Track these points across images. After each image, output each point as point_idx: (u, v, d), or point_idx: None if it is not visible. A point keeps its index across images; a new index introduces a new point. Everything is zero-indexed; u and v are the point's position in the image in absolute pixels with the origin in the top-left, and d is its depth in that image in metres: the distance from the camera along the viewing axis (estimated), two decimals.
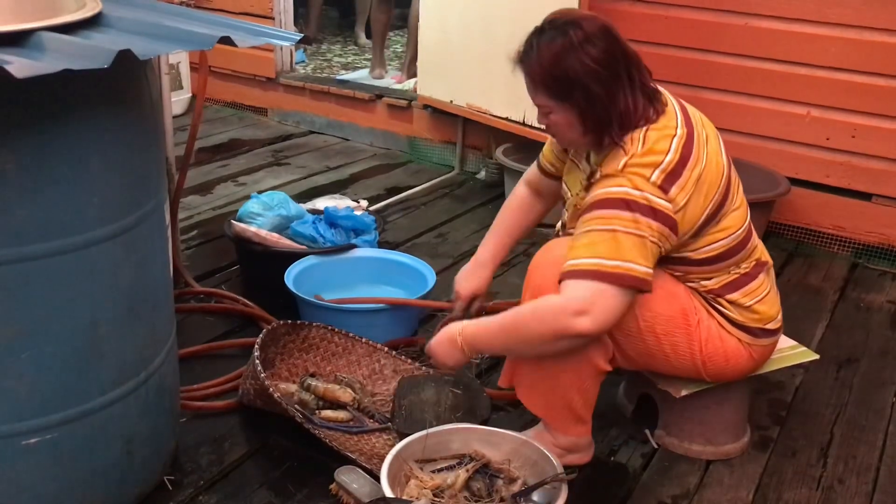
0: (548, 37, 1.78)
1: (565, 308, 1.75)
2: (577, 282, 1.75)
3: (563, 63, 1.75)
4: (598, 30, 1.78)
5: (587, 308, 1.73)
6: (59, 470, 1.64)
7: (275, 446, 2.11)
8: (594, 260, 1.74)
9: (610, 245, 1.73)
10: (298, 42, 1.82)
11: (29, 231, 1.45)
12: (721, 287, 1.93)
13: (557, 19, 1.81)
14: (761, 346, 1.99)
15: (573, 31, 1.76)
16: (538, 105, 1.86)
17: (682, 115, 1.86)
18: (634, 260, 1.73)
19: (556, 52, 1.76)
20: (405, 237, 3.41)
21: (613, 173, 1.78)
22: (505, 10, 3.55)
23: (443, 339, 1.95)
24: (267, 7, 4.68)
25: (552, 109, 1.83)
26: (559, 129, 1.87)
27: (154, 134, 1.71)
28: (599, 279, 1.73)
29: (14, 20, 1.39)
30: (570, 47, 1.75)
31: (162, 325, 1.81)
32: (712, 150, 1.85)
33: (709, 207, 1.82)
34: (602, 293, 1.73)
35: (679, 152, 1.78)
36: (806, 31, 3.29)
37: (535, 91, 1.83)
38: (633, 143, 1.79)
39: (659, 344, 1.92)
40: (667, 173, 1.75)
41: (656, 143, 1.78)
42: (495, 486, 1.88)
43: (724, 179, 1.86)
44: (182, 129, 3.32)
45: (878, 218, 3.37)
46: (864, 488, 2.10)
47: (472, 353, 1.92)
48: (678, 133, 1.81)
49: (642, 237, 1.74)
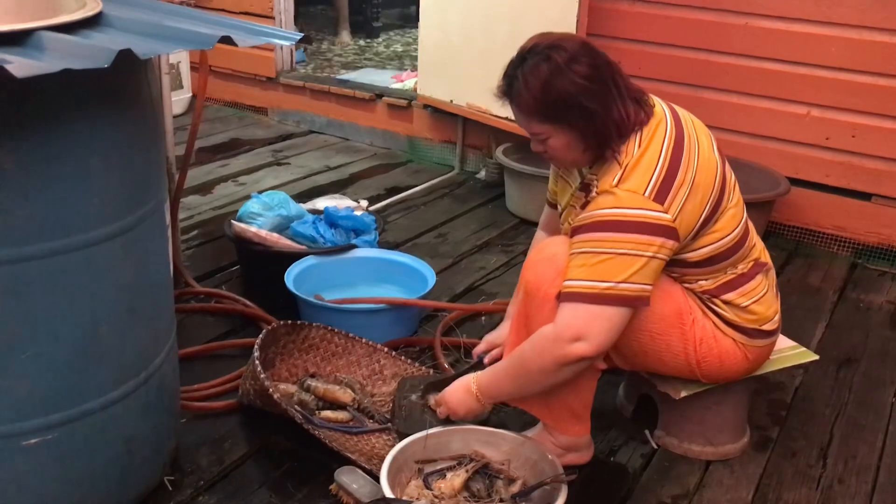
0: (531, 64, 1.76)
1: (560, 336, 1.76)
2: (571, 306, 1.76)
3: (555, 87, 1.74)
4: (579, 47, 1.77)
5: (582, 333, 1.75)
6: (59, 470, 1.64)
7: (275, 446, 2.11)
8: (587, 282, 1.74)
9: (605, 266, 1.74)
10: (298, 42, 1.81)
11: (29, 231, 1.45)
12: (717, 287, 1.93)
13: (537, 45, 1.78)
14: (757, 348, 1.99)
15: (556, 53, 1.74)
16: (533, 133, 1.83)
17: (671, 113, 1.87)
18: (629, 279, 1.74)
19: (544, 78, 1.74)
20: (405, 237, 3.42)
21: (609, 190, 1.77)
22: (505, 10, 3.56)
23: (458, 388, 1.99)
24: (267, 7, 4.68)
25: (549, 134, 1.81)
26: (558, 153, 1.85)
27: (154, 134, 1.71)
28: (593, 301, 1.74)
29: (14, 20, 1.39)
30: (557, 70, 1.73)
31: (162, 325, 1.81)
32: (703, 147, 1.85)
33: (706, 208, 1.82)
34: (597, 316, 1.75)
35: (669, 157, 1.78)
36: (806, 30, 3.30)
37: (529, 120, 1.81)
38: (627, 153, 1.78)
39: (653, 344, 1.92)
40: (660, 183, 1.75)
41: (648, 148, 1.78)
42: (495, 487, 1.88)
43: (719, 178, 1.86)
44: (182, 128, 3.32)
45: (878, 218, 3.37)
46: (864, 488, 2.10)
47: (487, 400, 1.96)
48: (668, 133, 1.81)
49: (639, 255, 1.74)
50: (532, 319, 1.89)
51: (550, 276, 1.83)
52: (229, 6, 4.67)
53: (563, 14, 3.28)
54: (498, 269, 3.17)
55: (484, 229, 3.54)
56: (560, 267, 1.82)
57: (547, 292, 1.83)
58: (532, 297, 1.88)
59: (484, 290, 2.98)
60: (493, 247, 3.37)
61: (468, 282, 3.05)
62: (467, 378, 1.98)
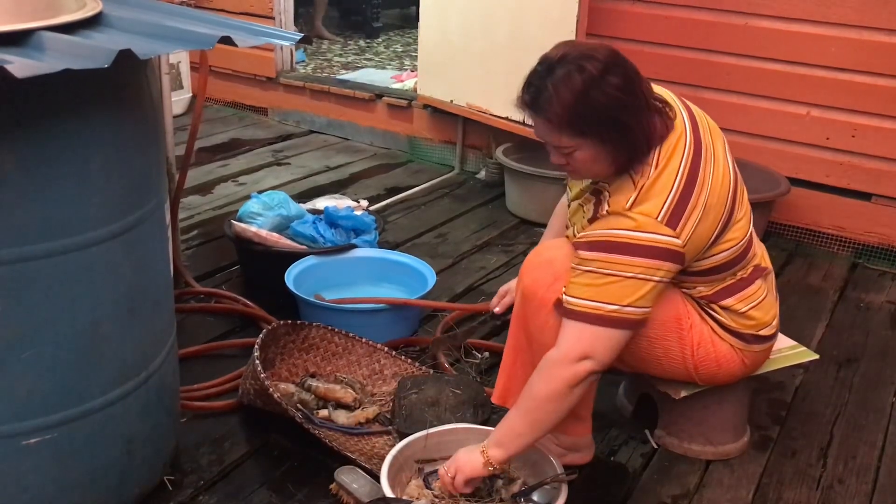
0: (562, 75, 1.65)
1: (567, 356, 1.74)
2: (576, 325, 1.74)
3: (589, 98, 1.64)
4: (611, 56, 1.68)
5: (588, 352, 1.74)
6: (60, 470, 1.64)
7: (275, 446, 2.11)
8: (594, 303, 1.73)
9: (612, 289, 1.72)
10: (299, 42, 1.81)
11: (29, 231, 1.45)
12: (715, 293, 1.91)
13: (567, 55, 1.68)
14: (753, 353, 1.99)
15: (589, 63, 1.65)
16: (559, 146, 1.73)
17: (689, 121, 1.82)
18: (634, 303, 1.73)
19: (578, 89, 1.64)
20: (405, 237, 3.41)
21: (621, 211, 1.73)
22: (505, 11, 3.56)
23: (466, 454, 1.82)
24: (267, 7, 4.68)
25: (577, 148, 1.72)
26: (583, 166, 1.76)
27: (154, 134, 1.71)
28: (598, 323, 1.73)
29: (14, 20, 1.39)
30: (591, 81, 1.64)
31: (162, 325, 1.81)
32: (719, 161, 1.81)
33: (717, 229, 1.81)
34: (601, 336, 1.74)
35: (685, 180, 1.73)
36: (806, 30, 3.29)
37: (558, 133, 1.70)
38: (644, 174, 1.73)
39: (651, 348, 1.92)
40: (673, 207, 1.72)
41: (665, 170, 1.73)
42: (495, 486, 1.88)
43: (731, 194, 1.82)
44: (182, 128, 3.32)
45: (878, 218, 3.37)
46: (864, 488, 2.10)
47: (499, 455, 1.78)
48: (685, 152, 1.76)
49: (647, 280, 1.72)
50: (529, 322, 1.89)
51: (547, 281, 1.83)
52: (229, 6, 4.67)
53: (563, 14, 3.28)
54: (498, 269, 3.16)
55: (484, 229, 3.54)
56: (557, 271, 1.81)
57: (544, 297, 1.83)
58: (529, 300, 1.88)
59: (484, 290, 2.98)
60: (492, 247, 3.37)
61: (468, 282, 3.05)
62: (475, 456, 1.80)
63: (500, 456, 1.78)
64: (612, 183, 1.79)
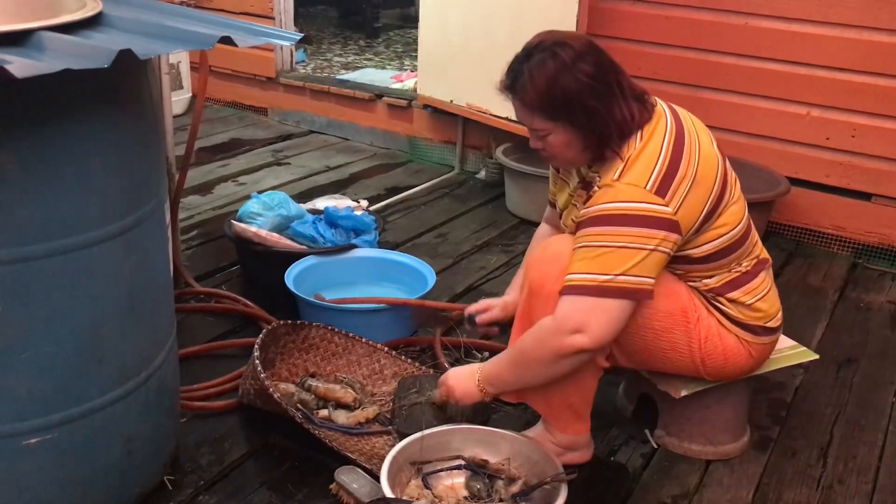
0: (537, 60, 1.77)
1: (560, 328, 1.77)
2: (571, 298, 1.77)
3: (559, 83, 1.75)
4: (585, 46, 1.79)
5: (582, 325, 1.75)
6: (59, 470, 1.64)
7: (275, 446, 2.11)
8: (587, 275, 1.75)
9: (604, 259, 1.74)
10: (299, 42, 1.82)
11: (29, 231, 1.45)
12: (722, 285, 1.93)
13: (543, 42, 1.79)
14: (761, 345, 1.99)
15: (562, 50, 1.76)
16: (534, 129, 1.84)
17: (671, 112, 1.88)
18: (628, 272, 1.74)
19: (550, 74, 1.75)
20: (405, 237, 3.42)
21: (610, 184, 1.78)
22: (505, 11, 3.56)
23: (461, 371, 2.00)
24: (267, 7, 4.68)
25: (550, 131, 1.82)
26: (557, 150, 1.86)
27: (154, 134, 1.71)
28: (592, 293, 1.75)
29: (14, 20, 1.39)
30: (563, 67, 1.75)
31: (162, 325, 1.81)
32: (704, 144, 1.86)
33: (708, 202, 1.83)
34: (596, 308, 1.75)
35: (670, 152, 1.79)
36: (806, 31, 3.30)
37: (531, 116, 1.82)
38: (630, 147, 1.80)
39: (657, 340, 1.92)
40: (661, 176, 1.76)
41: (648, 142, 1.79)
42: (495, 487, 1.88)
43: (721, 172, 1.86)
44: (182, 128, 3.32)
45: (878, 218, 3.37)
46: (864, 488, 2.10)
47: (487, 388, 1.95)
48: (668, 130, 1.82)
49: (640, 249, 1.74)
50: (536, 316, 1.89)
51: (555, 274, 1.83)
52: (229, 6, 4.67)
53: (563, 14, 3.28)
54: (498, 269, 3.17)
55: (484, 229, 3.54)
56: (564, 265, 1.83)
57: (551, 290, 1.84)
58: (536, 294, 1.89)
59: (484, 290, 2.98)
60: (492, 247, 3.37)
61: (468, 282, 3.05)
62: (473, 365, 2.00)
63: (493, 392, 1.96)
64: (601, 168, 1.84)
